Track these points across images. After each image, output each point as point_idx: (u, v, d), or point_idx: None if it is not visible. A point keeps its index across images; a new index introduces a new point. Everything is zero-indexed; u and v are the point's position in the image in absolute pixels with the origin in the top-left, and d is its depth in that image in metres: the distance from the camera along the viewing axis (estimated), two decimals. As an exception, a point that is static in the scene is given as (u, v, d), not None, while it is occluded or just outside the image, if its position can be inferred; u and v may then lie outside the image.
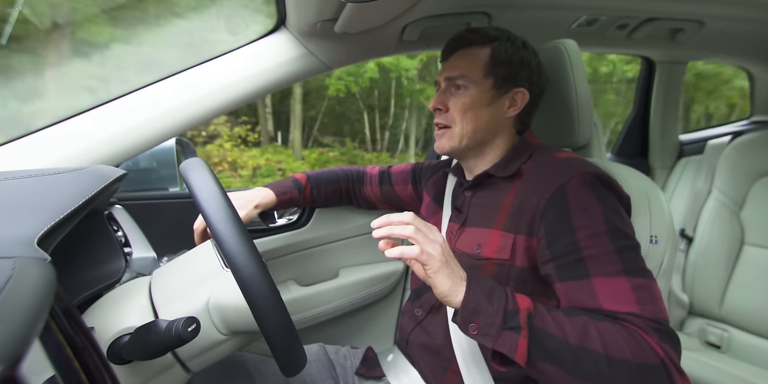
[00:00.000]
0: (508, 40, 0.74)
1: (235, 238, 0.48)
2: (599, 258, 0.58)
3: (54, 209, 0.45)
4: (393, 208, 1.09)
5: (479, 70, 0.73)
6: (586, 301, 0.57)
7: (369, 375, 0.83)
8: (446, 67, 0.77)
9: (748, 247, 1.33)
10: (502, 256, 0.68)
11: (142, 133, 0.83)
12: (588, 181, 0.64)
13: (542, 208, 0.64)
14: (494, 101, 0.74)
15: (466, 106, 0.73)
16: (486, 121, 0.74)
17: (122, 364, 0.53)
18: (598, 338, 0.52)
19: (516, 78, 0.74)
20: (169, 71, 0.87)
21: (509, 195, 0.70)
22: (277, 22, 0.91)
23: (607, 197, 0.63)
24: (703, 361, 1.16)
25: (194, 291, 0.58)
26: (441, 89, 0.78)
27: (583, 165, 0.67)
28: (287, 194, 0.97)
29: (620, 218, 0.62)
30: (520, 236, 0.66)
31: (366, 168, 1.09)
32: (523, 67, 0.74)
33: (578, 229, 0.60)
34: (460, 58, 0.76)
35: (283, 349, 0.48)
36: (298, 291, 1.13)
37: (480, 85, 0.73)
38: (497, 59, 0.73)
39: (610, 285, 0.57)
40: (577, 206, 0.62)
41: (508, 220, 0.68)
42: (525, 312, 0.54)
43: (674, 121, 1.61)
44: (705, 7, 1.04)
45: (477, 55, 0.74)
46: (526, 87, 0.75)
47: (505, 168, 0.74)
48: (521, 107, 0.75)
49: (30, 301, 0.28)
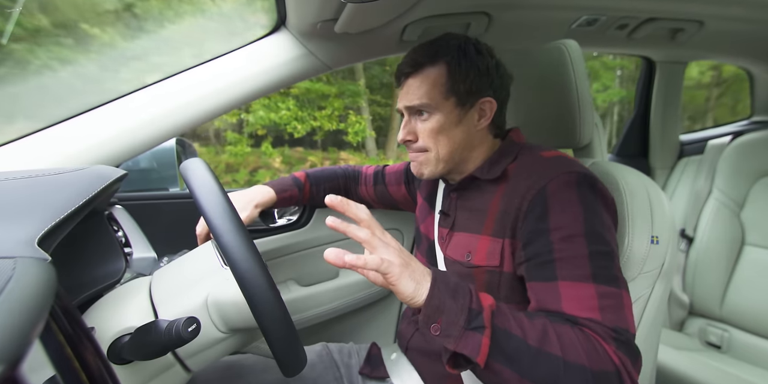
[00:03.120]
0: (459, 51, 0.69)
1: (233, 233, 0.48)
2: (570, 261, 0.57)
3: (54, 209, 0.45)
4: (388, 208, 1.09)
5: (438, 93, 0.68)
6: (549, 303, 0.56)
7: (373, 375, 0.82)
8: (402, 95, 0.72)
9: (748, 247, 1.33)
10: (492, 262, 0.66)
11: (143, 133, 0.83)
12: (572, 180, 0.62)
13: (524, 210, 0.62)
14: (462, 118, 0.70)
15: (435, 131, 0.70)
16: (460, 140, 0.71)
17: (122, 364, 0.53)
18: (556, 341, 0.51)
19: (479, 90, 0.69)
20: (169, 71, 0.87)
21: (496, 198, 0.68)
22: (277, 22, 0.91)
23: (590, 199, 0.61)
24: (704, 362, 1.16)
25: (193, 288, 0.58)
26: (405, 119, 0.73)
27: (569, 164, 0.65)
28: (287, 191, 0.96)
29: (600, 221, 0.60)
30: (508, 240, 0.64)
31: (362, 167, 1.09)
32: (482, 76, 0.69)
33: (554, 230, 0.59)
34: (415, 83, 0.70)
35: (282, 346, 0.48)
36: (298, 291, 1.13)
37: (443, 108, 0.69)
38: (454, 77, 0.68)
39: (575, 289, 0.55)
40: (556, 206, 0.60)
41: (496, 224, 0.66)
42: (488, 310, 0.51)
43: (675, 121, 1.61)
44: (705, 7, 1.04)
45: (430, 77, 0.69)
46: (491, 95, 0.70)
47: (489, 170, 0.71)
48: (491, 116, 0.71)
49: (30, 301, 0.28)
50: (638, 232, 0.69)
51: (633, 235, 0.69)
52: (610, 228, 0.62)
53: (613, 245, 0.60)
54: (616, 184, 0.73)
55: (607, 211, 0.63)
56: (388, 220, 1.24)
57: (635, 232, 0.69)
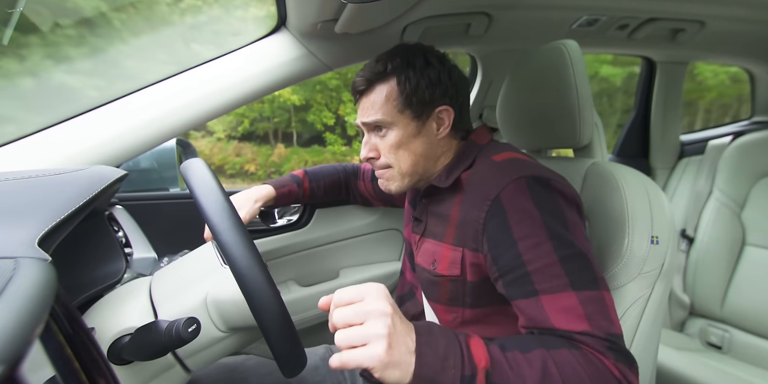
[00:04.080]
0: (408, 66, 0.69)
1: (232, 231, 0.48)
2: (544, 271, 0.56)
3: (55, 210, 0.45)
4: (386, 204, 1.09)
5: (392, 108, 0.69)
6: (540, 321, 0.55)
7: (373, 379, 0.82)
8: (360, 112, 0.73)
9: (749, 247, 1.33)
10: (453, 272, 0.65)
11: (143, 133, 0.83)
12: (522, 186, 0.60)
13: (482, 222, 0.61)
14: (421, 130, 0.70)
15: (395, 146, 0.70)
16: (421, 151, 0.71)
17: (122, 365, 0.53)
18: (559, 377, 0.49)
19: (432, 100, 0.69)
20: (170, 72, 0.87)
21: (455, 207, 0.68)
22: (278, 22, 0.91)
23: (546, 201, 0.59)
24: (704, 362, 1.15)
25: (192, 287, 0.58)
26: (366, 137, 0.74)
27: (519, 168, 0.63)
28: (285, 187, 0.97)
29: (561, 223, 0.58)
30: (468, 251, 0.64)
31: (361, 164, 1.09)
32: (434, 86, 0.69)
33: (519, 241, 0.57)
34: (369, 101, 0.71)
35: (281, 345, 0.47)
36: (298, 291, 1.13)
37: (399, 122, 0.69)
38: (405, 92, 0.68)
39: (558, 301, 0.54)
40: (514, 216, 0.58)
41: (456, 233, 0.66)
42: (483, 373, 0.48)
43: (675, 121, 1.61)
44: (706, 8, 1.04)
45: (382, 93, 0.69)
46: (447, 103, 0.70)
47: (446, 178, 0.70)
48: (450, 123, 0.71)
49: (31, 301, 0.28)
50: (638, 233, 0.69)
51: (633, 235, 0.69)
52: (577, 224, 0.60)
53: (582, 243, 0.58)
54: (616, 184, 0.73)
55: (568, 207, 0.61)
56: (387, 221, 1.24)
57: (635, 232, 0.69)
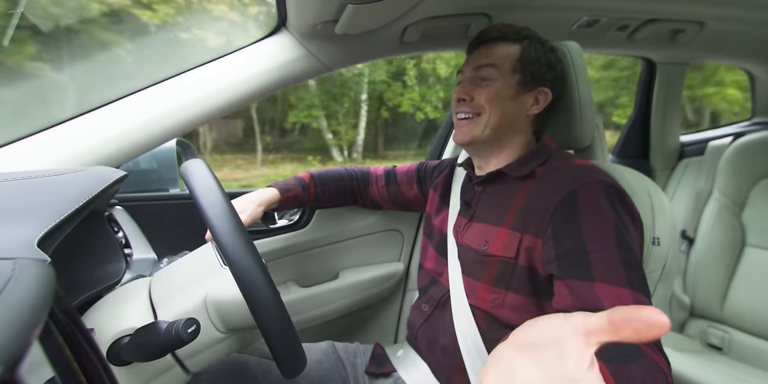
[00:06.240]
0: (538, 42, 0.76)
1: (231, 231, 0.47)
2: (605, 263, 0.57)
3: (54, 210, 0.45)
4: (397, 208, 1.09)
5: (508, 64, 0.74)
6: (590, 301, 0.55)
7: (379, 372, 0.82)
8: (475, 57, 0.78)
9: (749, 248, 1.32)
10: (508, 254, 0.68)
11: (143, 134, 0.83)
12: (602, 189, 0.63)
13: (551, 211, 0.63)
14: (518, 96, 0.75)
15: (492, 96, 0.74)
16: (509, 114, 0.75)
17: (122, 366, 0.52)
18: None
19: (542, 78, 0.75)
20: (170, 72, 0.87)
21: (521, 194, 0.71)
22: (278, 23, 0.91)
23: (619, 209, 0.62)
24: (705, 363, 1.15)
25: (192, 288, 0.58)
26: (465, 81, 0.78)
27: (601, 175, 0.66)
28: (291, 191, 0.96)
29: (629, 232, 0.61)
30: (527, 236, 0.66)
31: (370, 168, 1.09)
32: (549, 68, 0.76)
33: (587, 234, 0.59)
34: (491, 49, 0.76)
35: (280, 346, 0.47)
36: (298, 292, 1.13)
37: (507, 79, 0.74)
38: (526, 57, 0.74)
39: (613, 293, 0.55)
40: (587, 210, 0.61)
41: (518, 218, 0.68)
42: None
43: (675, 122, 1.61)
44: (705, 8, 1.04)
45: (507, 49, 0.75)
46: (549, 88, 0.76)
47: (518, 169, 0.74)
48: (543, 107, 0.76)
49: (30, 302, 0.27)
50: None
51: None
52: (637, 240, 0.62)
53: (641, 257, 0.60)
54: None
55: (634, 224, 0.63)
56: (387, 221, 1.24)
57: None
